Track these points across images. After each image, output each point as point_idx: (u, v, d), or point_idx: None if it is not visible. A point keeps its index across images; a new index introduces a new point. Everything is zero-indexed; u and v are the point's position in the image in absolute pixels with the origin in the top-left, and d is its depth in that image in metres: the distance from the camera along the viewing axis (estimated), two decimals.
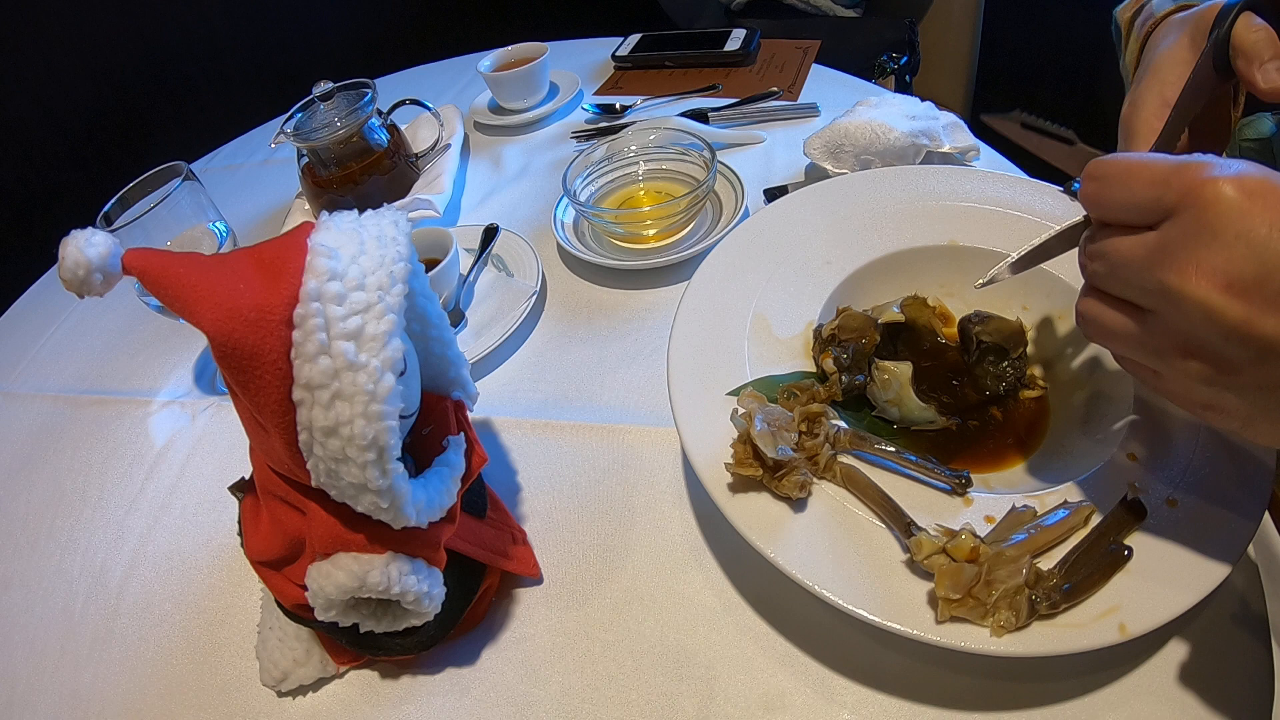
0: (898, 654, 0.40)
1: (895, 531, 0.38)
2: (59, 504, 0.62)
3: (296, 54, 1.56)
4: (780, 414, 0.41)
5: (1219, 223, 0.26)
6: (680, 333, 0.48)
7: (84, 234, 0.29)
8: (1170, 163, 0.27)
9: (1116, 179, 0.29)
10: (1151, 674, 0.38)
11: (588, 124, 0.92)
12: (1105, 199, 0.30)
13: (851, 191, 0.56)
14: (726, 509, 0.39)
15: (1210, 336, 0.27)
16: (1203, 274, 0.26)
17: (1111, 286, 0.30)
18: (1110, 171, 0.29)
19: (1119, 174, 0.29)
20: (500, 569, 0.46)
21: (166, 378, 0.71)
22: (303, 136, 0.78)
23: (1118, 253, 0.29)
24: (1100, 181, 0.30)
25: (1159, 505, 0.37)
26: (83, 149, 1.30)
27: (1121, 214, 0.29)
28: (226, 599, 0.51)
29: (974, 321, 0.47)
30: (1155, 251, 0.28)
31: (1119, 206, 0.29)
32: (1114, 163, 0.29)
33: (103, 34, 1.30)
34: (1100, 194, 0.30)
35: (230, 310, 0.30)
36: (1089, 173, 0.31)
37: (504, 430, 0.57)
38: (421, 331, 0.41)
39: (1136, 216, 0.29)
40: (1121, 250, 0.29)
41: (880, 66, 1.25)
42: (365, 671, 0.45)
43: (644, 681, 0.42)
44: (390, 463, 0.32)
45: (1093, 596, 0.34)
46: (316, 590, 0.36)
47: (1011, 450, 0.45)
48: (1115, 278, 0.30)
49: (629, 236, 0.69)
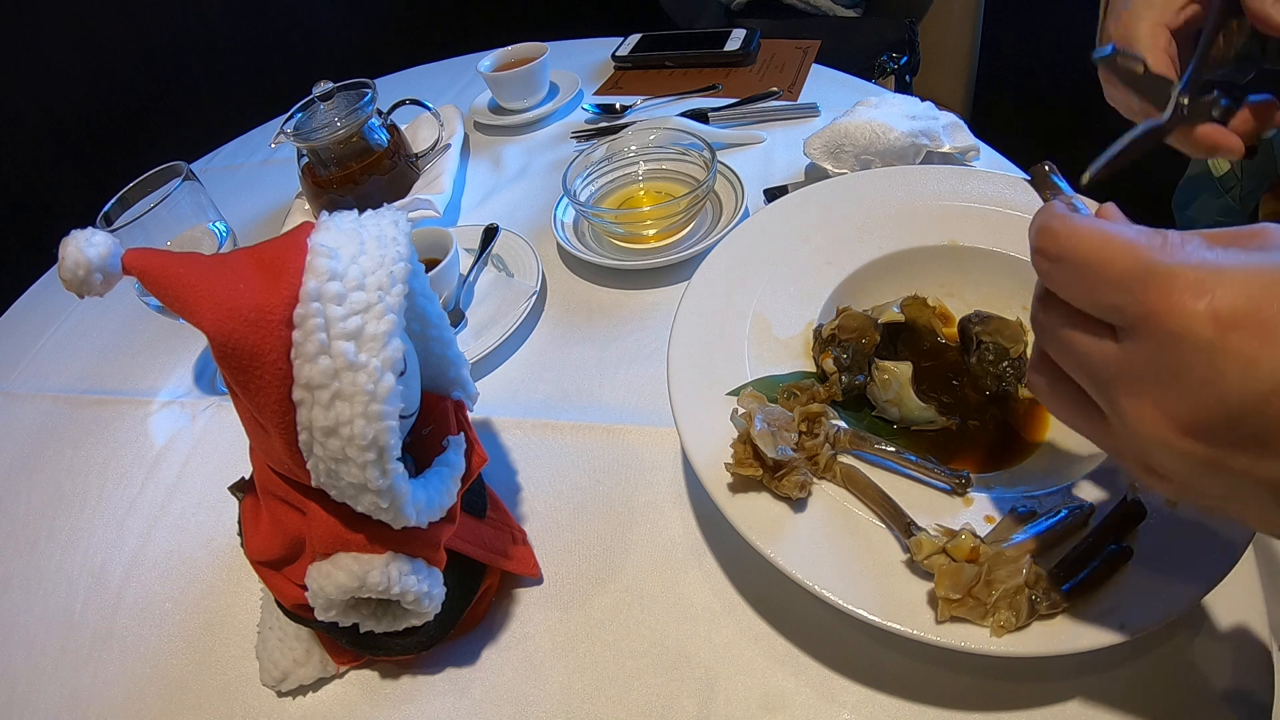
0: (898, 654, 0.40)
1: (895, 531, 0.38)
2: (59, 504, 0.62)
3: (296, 54, 1.56)
4: (780, 414, 0.41)
5: (1184, 362, 0.22)
6: (680, 333, 0.48)
7: (84, 234, 0.29)
8: (1138, 263, 0.23)
9: (1074, 269, 0.25)
10: (1151, 674, 0.38)
11: (588, 124, 0.92)
12: (1061, 285, 0.26)
13: (851, 191, 0.56)
14: (726, 509, 0.39)
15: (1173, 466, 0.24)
16: (1164, 413, 0.23)
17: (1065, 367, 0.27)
18: (1067, 256, 0.25)
19: (1078, 263, 0.25)
20: (500, 569, 0.46)
21: (166, 378, 0.71)
22: (303, 136, 0.78)
23: (1073, 344, 0.26)
24: (1056, 265, 0.25)
25: (1159, 505, 0.37)
26: (83, 149, 1.30)
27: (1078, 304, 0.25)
28: (226, 599, 0.51)
29: (974, 321, 0.47)
30: (1114, 365, 0.24)
31: (1075, 299, 0.25)
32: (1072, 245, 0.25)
33: (103, 34, 1.30)
34: (1055, 278, 0.26)
35: (230, 310, 0.30)
36: (1042, 248, 0.26)
37: (504, 430, 0.57)
38: (421, 331, 0.41)
39: (1095, 313, 0.25)
40: (1078, 345, 0.26)
41: (880, 66, 1.26)
42: (365, 671, 0.45)
43: (644, 681, 0.42)
44: (390, 463, 0.32)
45: (1093, 596, 0.34)
46: (316, 590, 0.36)
47: (1011, 450, 0.45)
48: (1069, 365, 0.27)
49: (629, 236, 0.69)
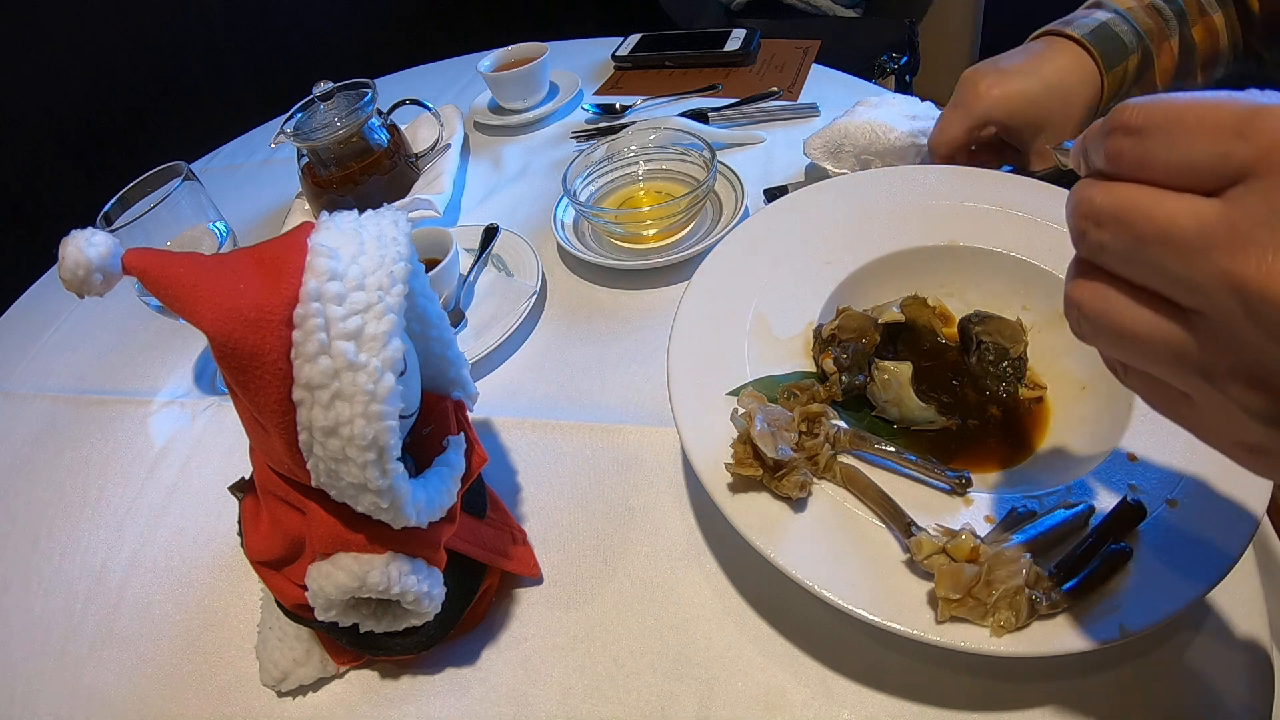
0: (898, 654, 0.40)
1: (895, 531, 0.38)
2: (59, 504, 0.62)
3: (296, 54, 1.56)
4: (780, 414, 0.41)
5: None
6: (680, 333, 0.48)
7: (84, 234, 0.29)
8: (1244, 105, 0.19)
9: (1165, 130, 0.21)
10: (1152, 674, 0.38)
11: (588, 124, 0.92)
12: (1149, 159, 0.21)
13: (851, 191, 0.56)
14: (726, 509, 0.39)
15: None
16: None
17: (1131, 269, 0.22)
18: (1156, 119, 0.21)
19: (1169, 122, 0.21)
20: (500, 569, 0.46)
21: (166, 378, 0.71)
22: (303, 136, 0.78)
23: (1151, 221, 0.21)
24: (1140, 136, 0.21)
25: (1159, 505, 0.37)
26: (83, 149, 1.30)
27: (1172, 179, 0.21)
28: (226, 599, 0.51)
29: (974, 321, 0.47)
30: (1217, 229, 0.19)
31: (1168, 170, 0.21)
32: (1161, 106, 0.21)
33: (103, 34, 1.30)
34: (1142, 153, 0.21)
35: (230, 310, 0.30)
36: (1123, 123, 0.22)
37: (504, 430, 0.57)
38: (421, 331, 0.41)
39: (1191, 180, 0.20)
40: (1158, 218, 0.21)
41: (880, 66, 1.26)
42: (365, 671, 0.45)
43: (644, 681, 0.42)
44: (390, 463, 0.32)
45: (1093, 596, 0.34)
46: (316, 590, 0.36)
47: (1012, 450, 0.45)
48: (1140, 257, 0.21)
49: (629, 236, 0.69)
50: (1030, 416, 0.46)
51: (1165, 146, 0.21)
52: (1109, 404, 0.43)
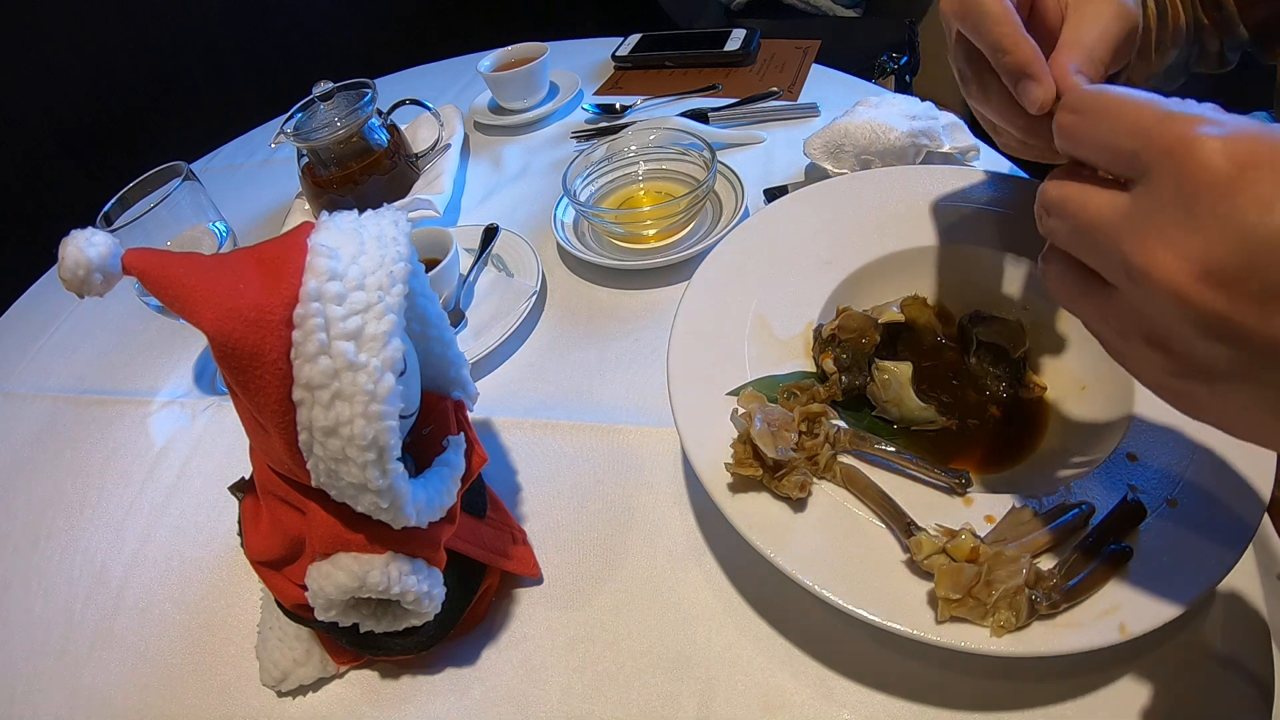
0: (898, 654, 0.40)
1: (895, 531, 0.38)
2: (59, 504, 0.62)
3: (296, 54, 1.56)
4: (780, 414, 0.41)
5: (1198, 197, 0.22)
6: (680, 333, 0.48)
7: (84, 234, 0.29)
8: (1157, 110, 0.23)
9: (1095, 117, 0.26)
10: (1152, 674, 0.38)
11: (588, 124, 0.92)
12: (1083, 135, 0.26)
13: (851, 191, 0.56)
14: (726, 509, 0.39)
15: (1180, 329, 0.23)
16: (1174, 256, 0.22)
17: (1072, 249, 0.27)
18: (1092, 105, 0.26)
19: (1100, 110, 0.25)
20: (500, 569, 0.46)
21: (166, 378, 0.71)
22: (303, 136, 0.78)
23: (1083, 211, 0.26)
24: (1080, 115, 0.26)
25: (1159, 505, 0.37)
26: (83, 149, 1.30)
27: (1097, 156, 0.26)
28: (226, 599, 0.51)
29: (974, 321, 0.47)
30: (1125, 219, 0.24)
31: (1095, 146, 0.26)
32: (1097, 96, 0.26)
33: (103, 34, 1.30)
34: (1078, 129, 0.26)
35: (230, 310, 0.30)
36: (1068, 103, 0.27)
37: (504, 430, 0.57)
38: (421, 331, 0.41)
39: (1112, 165, 0.25)
40: (1088, 208, 0.25)
41: (880, 66, 1.26)
42: (365, 671, 0.45)
43: (644, 682, 0.42)
44: (390, 463, 0.32)
45: (1093, 596, 0.34)
46: (316, 590, 0.36)
47: (1012, 450, 0.45)
48: (1077, 241, 0.26)
49: (629, 236, 0.69)
50: (1030, 417, 0.46)
51: (1094, 130, 0.26)
52: (1109, 404, 0.43)
